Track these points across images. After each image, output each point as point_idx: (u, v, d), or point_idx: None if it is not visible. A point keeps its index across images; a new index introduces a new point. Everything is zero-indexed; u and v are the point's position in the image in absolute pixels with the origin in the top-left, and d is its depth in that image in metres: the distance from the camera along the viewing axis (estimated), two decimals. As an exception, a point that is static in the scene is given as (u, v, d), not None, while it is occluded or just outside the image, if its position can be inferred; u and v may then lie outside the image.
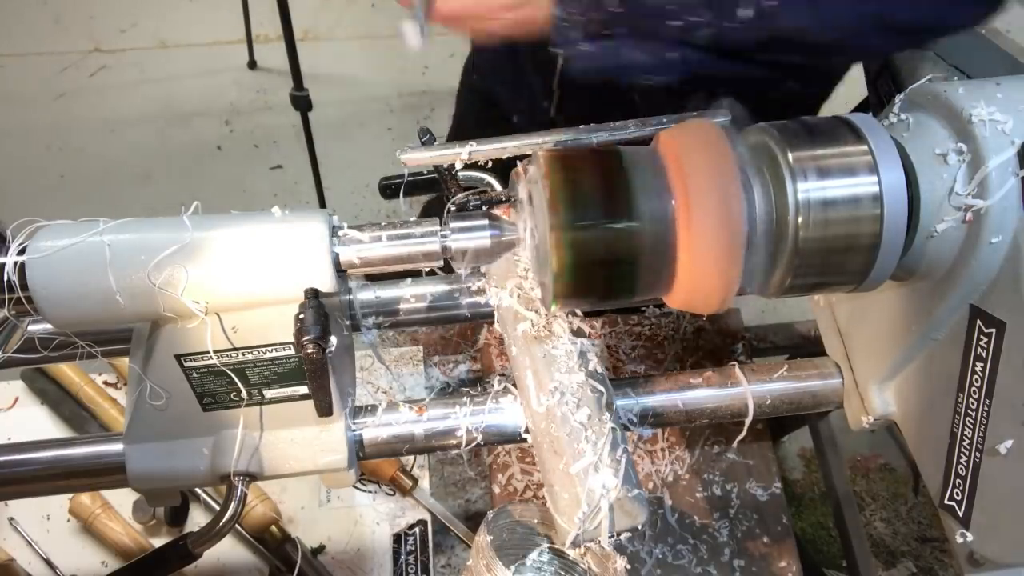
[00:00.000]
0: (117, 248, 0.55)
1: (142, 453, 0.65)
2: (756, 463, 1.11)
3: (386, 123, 2.94)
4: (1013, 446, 0.57)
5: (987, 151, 0.54)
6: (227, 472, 0.65)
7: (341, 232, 0.60)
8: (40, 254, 0.54)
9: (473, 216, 0.62)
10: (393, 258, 0.61)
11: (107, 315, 0.56)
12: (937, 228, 0.57)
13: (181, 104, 3.00)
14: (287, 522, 1.09)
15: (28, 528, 1.07)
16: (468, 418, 0.70)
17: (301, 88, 2.10)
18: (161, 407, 0.62)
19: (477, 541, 0.69)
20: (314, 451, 0.66)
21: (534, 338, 0.68)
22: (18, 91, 3.02)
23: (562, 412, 0.62)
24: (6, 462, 0.67)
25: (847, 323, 0.75)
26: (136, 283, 0.55)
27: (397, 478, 1.09)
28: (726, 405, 0.74)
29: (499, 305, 0.75)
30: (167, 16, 3.27)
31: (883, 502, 1.99)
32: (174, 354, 0.60)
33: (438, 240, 0.60)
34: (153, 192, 2.74)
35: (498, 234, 0.61)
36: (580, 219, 0.55)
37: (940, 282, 0.60)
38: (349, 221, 0.62)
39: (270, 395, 0.63)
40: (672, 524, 1.06)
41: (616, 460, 0.60)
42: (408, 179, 0.90)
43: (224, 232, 0.57)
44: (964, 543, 0.63)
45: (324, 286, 0.58)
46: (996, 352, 0.56)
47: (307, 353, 0.54)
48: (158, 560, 0.73)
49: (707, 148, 0.55)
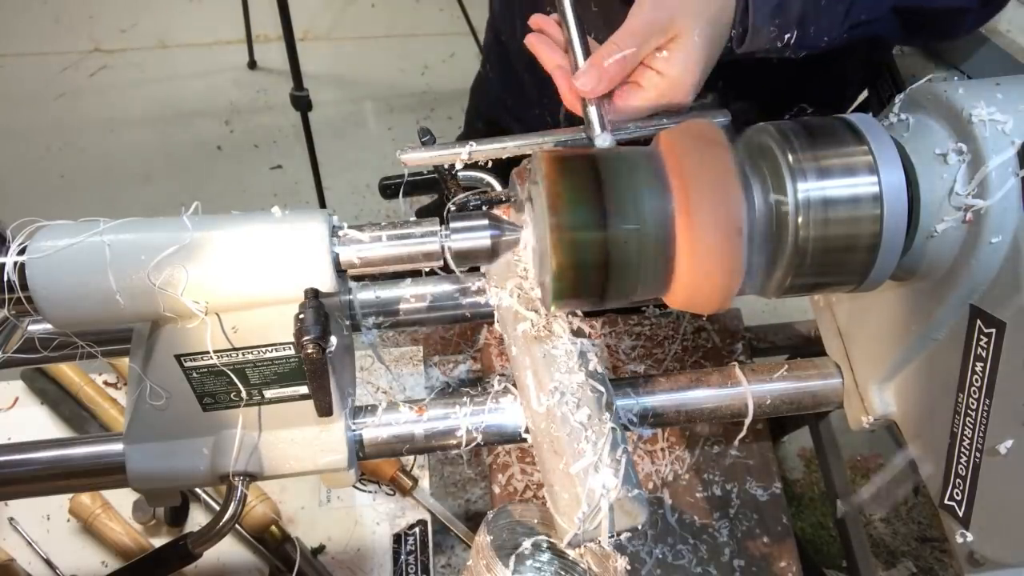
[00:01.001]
0: (117, 248, 0.55)
1: (142, 453, 0.65)
2: (756, 463, 1.11)
3: (386, 123, 2.94)
4: (1013, 446, 0.57)
5: (987, 151, 0.54)
6: (227, 472, 0.65)
7: (341, 232, 0.60)
8: (40, 254, 0.54)
9: (473, 216, 0.62)
10: (393, 258, 0.61)
11: (107, 315, 0.56)
12: (937, 228, 0.57)
13: (181, 104, 3.00)
14: (287, 522, 1.09)
15: (28, 528, 1.07)
16: (468, 418, 0.70)
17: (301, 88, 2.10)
18: (161, 407, 0.62)
19: (477, 541, 0.69)
20: (314, 451, 0.66)
21: (534, 338, 0.68)
22: (18, 91, 3.02)
23: (562, 412, 0.62)
24: (6, 462, 0.67)
25: (847, 323, 0.74)
26: (136, 283, 0.55)
27: (397, 478, 1.09)
28: (726, 405, 0.74)
29: (499, 305, 0.75)
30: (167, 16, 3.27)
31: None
32: (174, 354, 0.60)
33: (438, 240, 0.60)
34: (153, 192, 2.74)
35: (498, 234, 0.61)
36: (579, 219, 0.55)
37: (940, 282, 0.60)
38: (349, 221, 0.62)
39: (270, 395, 0.63)
40: (672, 524, 1.06)
41: (616, 460, 0.60)
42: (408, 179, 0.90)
43: (224, 232, 0.57)
44: (964, 543, 0.63)
45: (324, 286, 0.58)
46: (996, 352, 0.56)
47: (307, 353, 0.54)
48: (158, 560, 0.73)
49: (707, 148, 0.55)
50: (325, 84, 2.97)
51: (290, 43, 1.99)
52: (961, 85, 0.58)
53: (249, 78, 3.09)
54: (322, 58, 3.08)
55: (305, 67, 2.07)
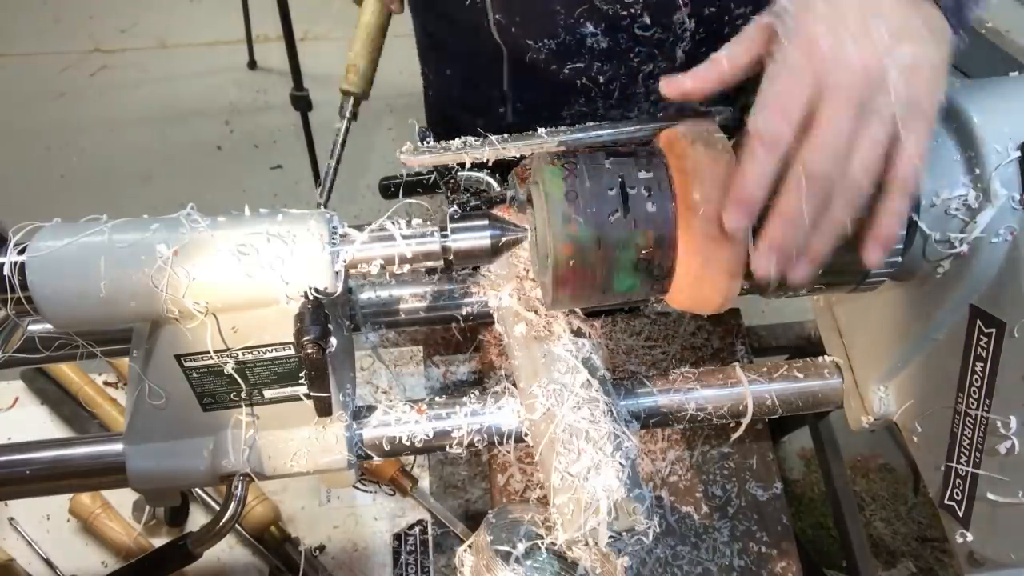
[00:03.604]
0: (116, 248, 0.55)
1: (142, 453, 0.65)
2: (756, 463, 1.11)
3: (386, 123, 2.94)
4: (1013, 446, 0.57)
5: (987, 151, 0.54)
6: (226, 472, 0.65)
7: (341, 232, 0.60)
8: (39, 254, 0.54)
9: (473, 216, 0.62)
10: (393, 258, 0.61)
11: (106, 315, 0.56)
12: (937, 228, 0.57)
13: (181, 104, 3.00)
14: (287, 522, 1.09)
15: (28, 528, 1.07)
16: (468, 418, 0.70)
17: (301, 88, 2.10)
18: (161, 407, 0.62)
19: (477, 541, 0.69)
20: (314, 451, 0.66)
21: (534, 338, 0.68)
22: (18, 91, 3.02)
23: (562, 412, 0.62)
24: (6, 462, 0.67)
25: (847, 323, 0.74)
26: (135, 283, 0.55)
27: (397, 478, 1.09)
28: (726, 405, 0.74)
29: (499, 305, 0.75)
30: (167, 16, 3.27)
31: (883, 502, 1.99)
32: (174, 354, 0.60)
33: (438, 240, 0.60)
34: (153, 192, 2.74)
35: (498, 234, 0.61)
36: (580, 219, 0.54)
37: (940, 282, 0.59)
38: (349, 221, 0.62)
39: (270, 395, 0.63)
40: (672, 524, 1.06)
41: (616, 460, 0.60)
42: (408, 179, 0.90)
43: (224, 232, 0.57)
44: (964, 543, 0.63)
45: (324, 286, 0.58)
46: (996, 352, 0.56)
47: (307, 354, 0.54)
48: (158, 560, 0.73)
49: (707, 147, 0.55)
50: (325, 84, 2.96)
51: (290, 43, 1.99)
52: (961, 85, 0.58)
53: (249, 78, 3.09)
54: (322, 58, 3.08)
55: (305, 67, 2.07)
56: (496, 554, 0.66)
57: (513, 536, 0.71)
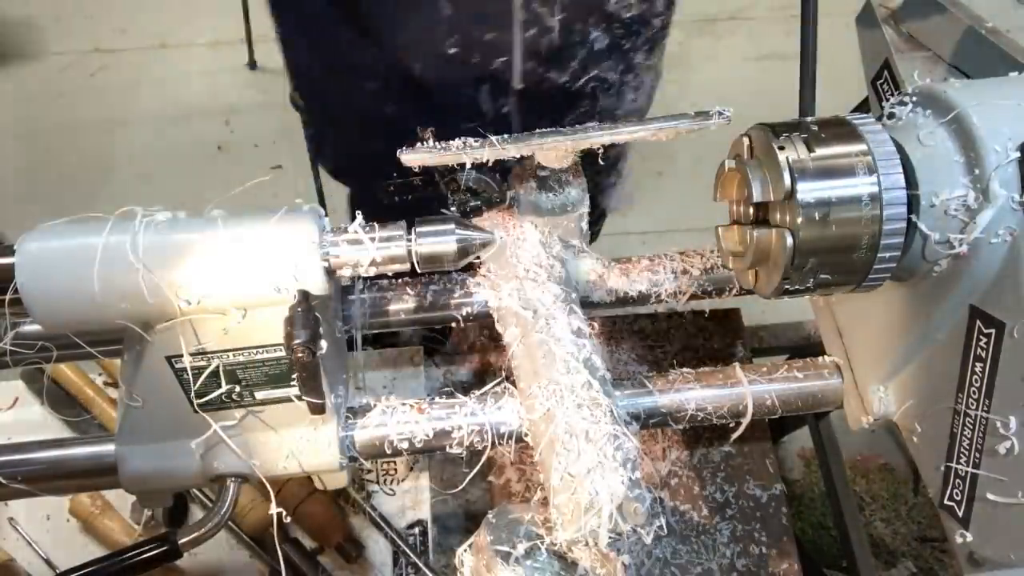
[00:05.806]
0: (106, 249, 0.55)
1: (134, 454, 0.64)
2: (756, 463, 1.11)
3: (386, 123, 2.94)
4: (1013, 446, 0.57)
5: (987, 151, 0.54)
6: (218, 473, 0.65)
7: (333, 233, 0.60)
8: (29, 255, 0.54)
9: (439, 221, 0.62)
10: (386, 259, 0.61)
11: (97, 316, 0.56)
12: (936, 228, 0.57)
13: (181, 104, 2.99)
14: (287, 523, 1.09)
15: (28, 528, 1.07)
16: (468, 418, 0.70)
17: (301, 88, 2.09)
18: (142, 409, 0.62)
19: (477, 541, 0.69)
20: (306, 451, 0.66)
21: (534, 338, 0.68)
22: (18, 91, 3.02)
23: (562, 412, 0.62)
24: (6, 462, 0.67)
25: (847, 323, 0.74)
26: (125, 284, 0.55)
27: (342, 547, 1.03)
28: (726, 405, 0.74)
29: (499, 305, 0.75)
30: (167, 16, 3.26)
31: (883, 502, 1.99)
32: (165, 355, 0.59)
33: (404, 244, 0.61)
34: (153, 192, 2.74)
35: (465, 238, 0.61)
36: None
37: (940, 282, 0.59)
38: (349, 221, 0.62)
39: (261, 396, 0.63)
40: (672, 524, 1.06)
41: (617, 460, 0.60)
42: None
43: (214, 233, 0.57)
44: (964, 543, 0.63)
45: (314, 287, 0.57)
46: (996, 352, 0.56)
47: (297, 357, 0.54)
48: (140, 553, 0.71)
49: None
50: (325, 84, 2.96)
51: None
52: (961, 85, 0.58)
53: (249, 78, 3.09)
54: (322, 58, 3.07)
55: (305, 67, 2.07)
56: (496, 554, 0.66)
57: (513, 536, 0.71)
